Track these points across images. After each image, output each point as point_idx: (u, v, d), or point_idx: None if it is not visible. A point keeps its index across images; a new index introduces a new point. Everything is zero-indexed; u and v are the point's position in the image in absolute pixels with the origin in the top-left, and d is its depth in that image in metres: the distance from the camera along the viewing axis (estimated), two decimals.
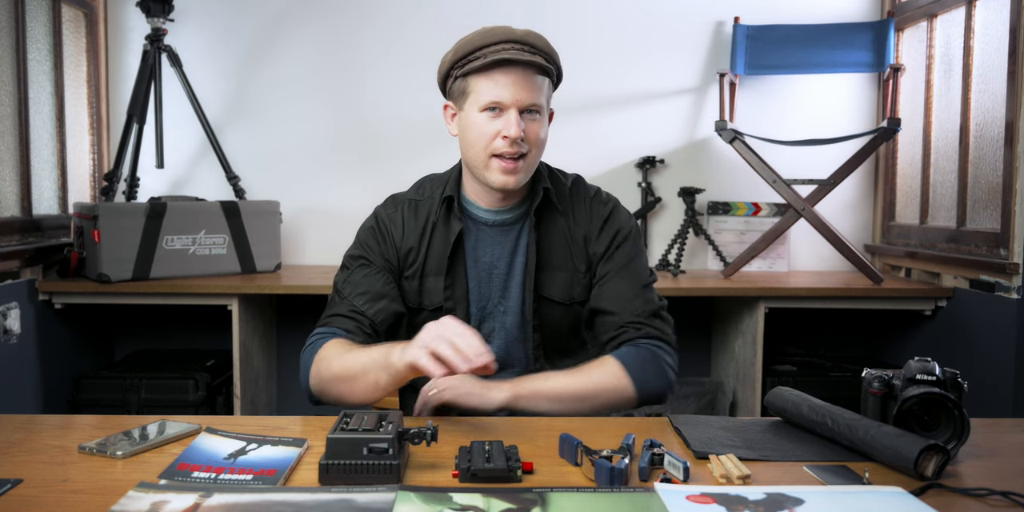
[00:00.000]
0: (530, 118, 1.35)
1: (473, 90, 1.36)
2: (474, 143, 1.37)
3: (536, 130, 1.36)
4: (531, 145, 1.36)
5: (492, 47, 1.34)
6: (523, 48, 1.34)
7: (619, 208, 1.49)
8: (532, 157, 1.37)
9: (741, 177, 3.06)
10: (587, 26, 3.06)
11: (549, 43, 1.38)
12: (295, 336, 3.10)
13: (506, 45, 1.34)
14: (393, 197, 1.51)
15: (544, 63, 1.34)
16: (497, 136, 1.34)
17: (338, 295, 1.43)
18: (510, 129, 1.32)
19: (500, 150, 1.34)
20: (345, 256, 1.48)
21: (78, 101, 2.95)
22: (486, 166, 1.37)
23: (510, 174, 1.36)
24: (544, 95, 1.37)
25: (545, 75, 1.37)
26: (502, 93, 1.33)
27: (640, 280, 1.43)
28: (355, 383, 1.24)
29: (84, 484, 0.98)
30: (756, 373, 2.65)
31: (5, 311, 2.38)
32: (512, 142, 1.33)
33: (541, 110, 1.37)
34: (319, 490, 0.94)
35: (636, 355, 1.34)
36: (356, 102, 3.09)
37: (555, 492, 0.94)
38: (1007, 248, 2.31)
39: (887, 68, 2.86)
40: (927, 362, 1.11)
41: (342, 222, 3.02)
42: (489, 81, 1.34)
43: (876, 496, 0.94)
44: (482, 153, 1.36)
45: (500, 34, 1.35)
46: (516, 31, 1.36)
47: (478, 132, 1.36)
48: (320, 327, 1.39)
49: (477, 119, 1.36)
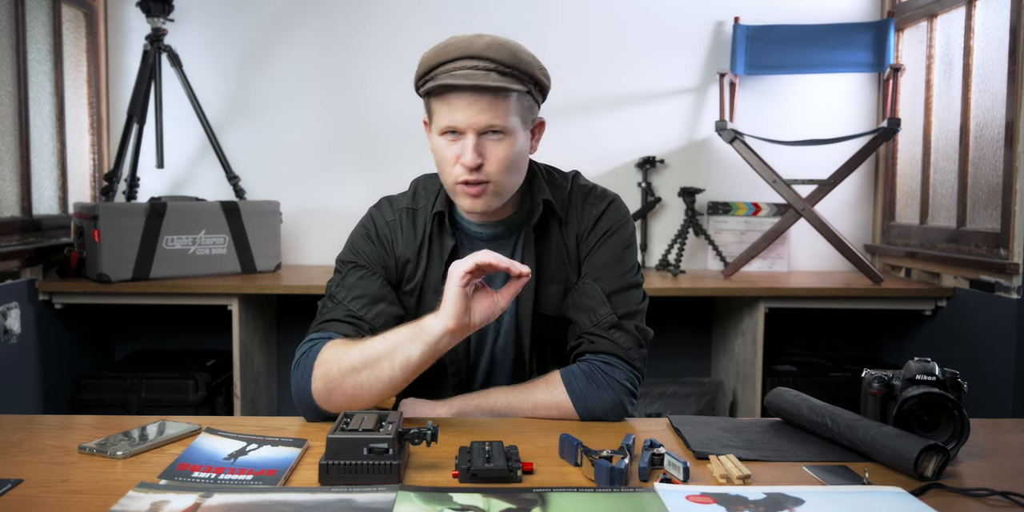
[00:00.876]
0: (493, 139, 1.26)
1: (434, 112, 1.29)
2: (440, 168, 1.31)
3: (501, 152, 1.26)
4: (494, 170, 1.26)
5: (445, 66, 1.24)
6: (477, 65, 1.23)
7: (614, 204, 1.41)
8: (502, 182, 1.28)
9: (741, 177, 3.06)
10: (587, 26, 3.06)
11: (519, 52, 1.26)
12: (295, 336, 3.07)
13: (461, 62, 1.24)
14: (388, 200, 1.45)
15: (498, 82, 1.22)
16: (456, 162, 1.27)
17: (331, 300, 1.35)
18: (465, 156, 1.24)
19: (461, 177, 1.27)
20: (337, 260, 1.41)
21: (78, 101, 2.95)
22: (454, 191, 1.31)
23: (476, 198, 1.28)
24: (510, 112, 1.26)
25: (501, 92, 1.24)
26: (456, 117, 1.24)
27: (614, 283, 1.34)
28: (381, 365, 1.17)
29: (84, 484, 0.98)
30: (756, 373, 2.65)
31: (5, 311, 2.38)
32: (468, 170, 1.25)
33: (507, 130, 1.26)
34: (319, 490, 0.94)
35: (581, 373, 1.28)
36: (356, 102, 3.09)
37: (555, 492, 0.94)
38: (1007, 248, 2.31)
39: (887, 68, 2.86)
40: (927, 362, 1.11)
41: (342, 222, 3.00)
42: (444, 104, 1.25)
43: (876, 496, 0.94)
44: (448, 179, 1.30)
45: (455, 50, 1.24)
46: (476, 44, 1.24)
47: (440, 157, 1.29)
48: (314, 333, 1.30)
49: (439, 143, 1.29)
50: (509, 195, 1.33)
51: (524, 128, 1.31)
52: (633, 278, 1.37)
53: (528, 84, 1.28)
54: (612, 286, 1.35)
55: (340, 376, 1.19)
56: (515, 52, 1.26)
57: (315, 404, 1.23)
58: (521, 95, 1.28)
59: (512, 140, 1.28)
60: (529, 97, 1.30)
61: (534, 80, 1.29)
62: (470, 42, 1.25)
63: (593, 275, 1.36)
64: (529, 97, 1.30)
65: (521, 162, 1.32)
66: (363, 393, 1.19)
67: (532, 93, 1.30)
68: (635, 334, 1.32)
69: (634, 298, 1.36)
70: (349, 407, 1.18)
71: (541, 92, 1.33)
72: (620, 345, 1.30)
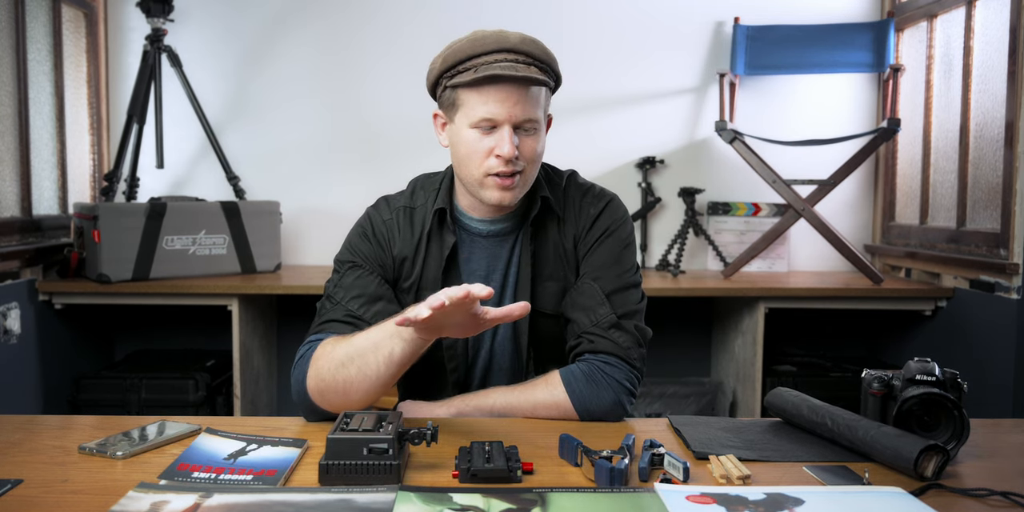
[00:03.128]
0: (525, 133, 1.28)
1: (464, 104, 1.28)
2: (466, 161, 1.30)
3: (532, 145, 1.29)
4: (527, 162, 1.29)
5: (483, 58, 1.25)
6: (516, 58, 1.25)
7: (612, 204, 1.41)
8: (528, 173, 1.31)
9: (741, 177, 3.06)
10: (587, 26, 3.06)
11: (546, 49, 1.30)
12: (295, 336, 3.09)
13: (498, 55, 1.25)
14: (386, 200, 1.45)
15: (539, 75, 1.26)
16: (491, 154, 1.27)
17: (330, 301, 1.35)
18: (503, 148, 1.25)
19: (495, 169, 1.27)
20: (335, 261, 1.42)
21: (78, 101, 2.95)
22: (481, 184, 1.30)
23: (506, 191, 1.29)
24: (541, 107, 1.29)
25: (542, 85, 1.29)
26: (494, 109, 1.25)
27: (613, 283, 1.35)
28: (367, 361, 1.17)
29: (84, 484, 0.98)
30: (756, 373, 2.65)
31: (5, 311, 2.38)
32: (507, 161, 1.26)
33: (538, 123, 1.29)
34: (319, 490, 0.94)
35: (580, 373, 1.28)
36: (356, 102, 3.09)
37: (555, 492, 0.94)
38: (1007, 248, 2.31)
39: (887, 68, 2.86)
40: (927, 362, 1.11)
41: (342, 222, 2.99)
42: (480, 96, 1.26)
43: (876, 496, 0.94)
44: (476, 171, 1.29)
45: (492, 42, 1.25)
46: (510, 38, 1.27)
47: (470, 149, 1.29)
48: (313, 335, 1.31)
49: (468, 135, 1.28)
50: (527, 190, 1.35)
51: (544, 122, 1.35)
52: (632, 278, 1.38)
53: (552, 79, 1.32)
54: (611, 286, 1.35)
55: (330, 372, 1.20)
56: (544, 47, 1.30)
57: (312, 403, 1.23)
58: (548, 90, 1.33)
59: (540, 133, 1.32)
60: (551, 92, 1.35)
61: (556, 75, 1.34)
62: (504, 36, 1.27)
63: (592, 275, 1.36)
64: (551, 92, 1.35)
65: (542, 156, 1.35)
66: (352, 388, 1.19)
67: (552, 89, 1.35)
68: (634, 334, 1.33)
69: (633, 298, 1.36)
70: (343, 405, 1.18)
71: (555, 89, 1.37)
72: (619, 345, 1.31)
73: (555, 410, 1.28)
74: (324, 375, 1.21)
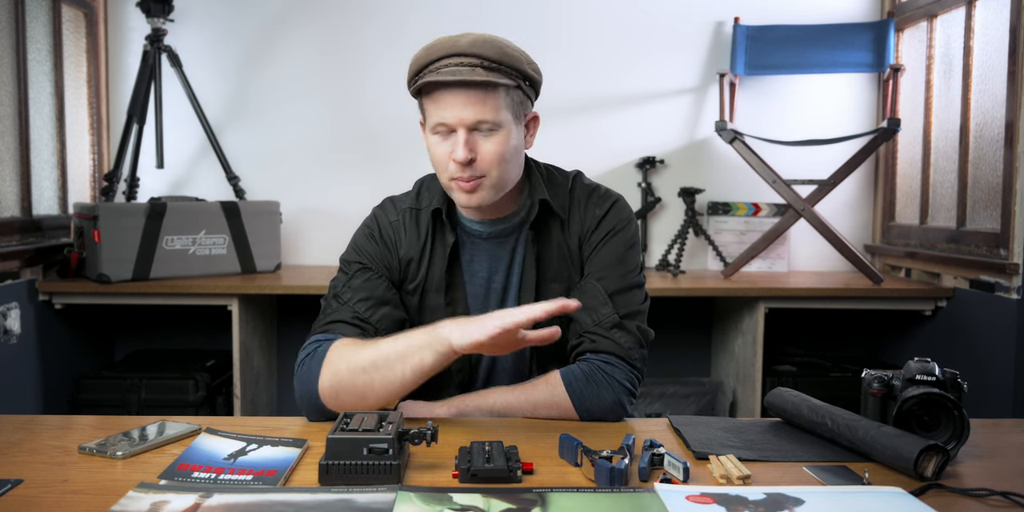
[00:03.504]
0: (484, 134, 1.27)
1: (425, 111, 1.31)
2: (435, 165, 1.33)
3: (492, 147, 1.27)
4: (487, 164, 1.28)
5: (432, 65, 1.26)
6: (462, 62, 1.25)
7: (617, 205, 1.41)
8: (496, 175, 1.29)
9: (741, 177, 3.06)
10: (587, 26, 3.06)
11: (504, 48, 1.27)
12: (295, 336, 3.10)
13: (446, 60, 1.25)
14: (392, 201, 1.46)
15: (485, 77, 1.24)
16: (449, 159, 1.28)
17: (336, 300, 1.35)
18: (457, 152, 1.26)
19: (455, 174, 1.29)
20: (341, 260, 1.42)
21: (78, 101, 2.95)
22: (449, 188, 1.32)
23: (470, 194, 1.30)
24: (501, 107, 1.27)
25: (498, 86, 1.27)
26: (444, 114, 1.26)
27: (616, 283, 1.35)
28: (393, 367, 1.17)
29: (84, 484, 0.98)
30: (756, 373, 2.65)
31: (5, 311, 2.38)
32: (462, 166, 1.27)
33: (498, 124, 1.27)
34: (319, 490, 0.94)
35: (580, 373, 1.28)
36: (356, 102, 3.09)
37: (555, 492, 0.94)
38: (1007, 248, 2.31)
39: (887, 68, 2.86)
40: (927, 362, 1.11)
41: (342, 222, 3.01)
42: (433, 103, 1.28)
43: (876, 496, 0.94)
44: (443, 176, 1.32)
45: (440, 48, 1.26)
46: (460, 42, 1.26)
47: (434, 155, 1.31)
48: (318, 334, 1.31)
49: (431, 141, 1.31)
50: (506, 189, 1.34)
51: (517, 122, 1.32)
52: (636, 278, 1.38)
53: (516, 78, 1.29)
54: (614, 286, 1.35)
55: (351, 375, 1.20)
56: (500, 47, 1.27)
57: (320, 403, 1.23)
58: (510, 89, 1.29)
59: (504, 134, 1.29)
60: (519, 92, 1.31)
61: (522, 74, 1.30)
62: (455, 41, 1.27)
63: (596, 275, 1.36)
64: (519, 92, 1.31)
65: (516, 156, 1.33)
66: (372, 393, 1.20)
67: (522, 88, 1.32)
68: (636, 334, 1.33)
69: (636, 298, 1.37)
70: (355, 407, 1.18)
71: (532, 86, 1.34)
72: (621, 345, 1.31)
73: (555, 409, 1.28)
74: (343, 377, 1.21)
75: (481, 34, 1.29)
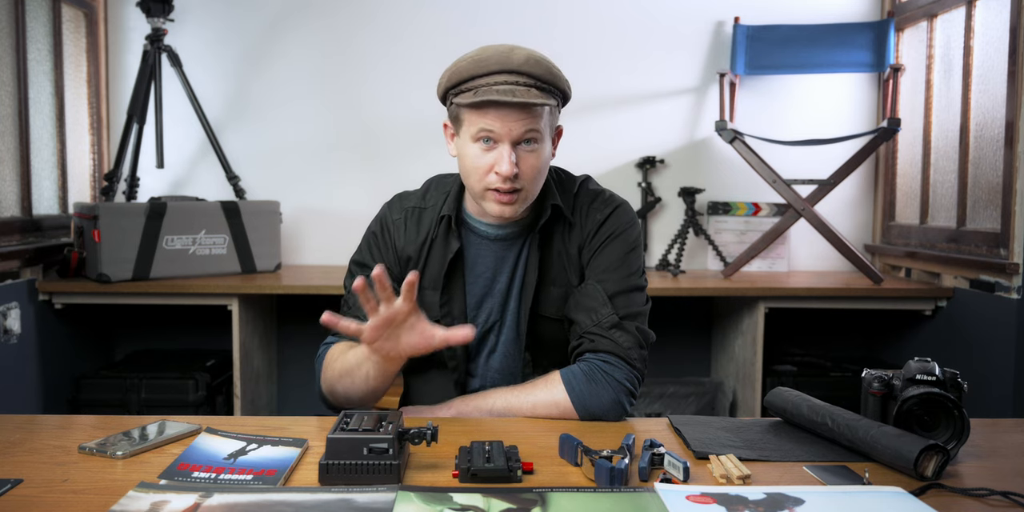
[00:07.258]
0: (527, 149, 1.29)
1: (466, 120, 1.30)
2: (469, 174, 1.33)
3: (533, 162, 1.30)
4: (526, 178, 1.30)
5: (484, 79, 1.27)
6: (517, 81, 1.26)
7: (620, 209, 1.42)
8: (530, 188, 1.32)
9: (741, 177, 3.06)
10: (587, 26, 3.06)
11: (551, 68, 1.30)
12: (295, 336, 3.11)
13: (499, 77, 1.26)
14: (400, 198, 1.48)
15: (538, 99, 1.26)
16: (491, 170, 1.29)
17: (345, 305, 1.42)
18: (502, 166, 1.27)
19: (494, 185, 1.30)
20: (351, 261, 1.47)
21: (78, 101, 2.95)
22: (483, 196, 1.33)
23: (506, 205, 1.32)
24: (544, 122, 1.30)
25: (546, 106, 1.30)
26: (494, 125, 1.27)
27: (617, 285, 1.36)
28: (354, 378, 1.28)
29: (84, 484, 0.98)
30: (756, 373, 2.65)
31: (5, 311, 2.38)
32: (505, 179, 1.28)
33: (540, 138, 1.30)
34: (319, 490, 0.94)
35: (580, 372, 1.30)
36: (356, 102, 3.09)
37: (555, 492, 0.94)
38: (1007, 248, 2.31)
39: (887, 68, 2.86)
40: (927, 362, 1.11)
41: (342, 222, 3.04)
42: (479, 113, 1.28)
43: (876, 496, 0.94)
44: (477, 185, 1.32)
45: (494, 63, 1.27)
46: (514, 58, 1.27)
47: (472, 164, 1.31)
48: (331, 337, 1.42)
49: (471, 150, 1.31)
50: (533, 199, 1.37)
51: (550, 137, 1.35)
52: (637, 281, 1.39)
53: (558, 97, 1.33)
54: (615, 287, 1.36)
55: (333, 380, 1.33)
56: (549, 67, 1.30)
57: (327, 398, 1.37)
58: (552, 108, 1.33)
59: (542, 149, 1.32)
60: (557, 109, 1.35)
61: (563, 93, 1.34)
62: (507, 56, 1.28)
63: (597, 277, 1.38)
64: (557, 109, 1.35)
65: (546, 169, 1.36)
66: (352, 395, 1.32)
67: (560, 105, 1.35)
68: (635, 335, 1.33)
69: (637, 300, 1.38)
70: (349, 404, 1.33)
71: (565, 103, 1.37)
72: (620, 345, 1.32)
73: (555, 409, 1.29)
74: (331, 381, 1.34)
75: (530, 51, 1.30)
